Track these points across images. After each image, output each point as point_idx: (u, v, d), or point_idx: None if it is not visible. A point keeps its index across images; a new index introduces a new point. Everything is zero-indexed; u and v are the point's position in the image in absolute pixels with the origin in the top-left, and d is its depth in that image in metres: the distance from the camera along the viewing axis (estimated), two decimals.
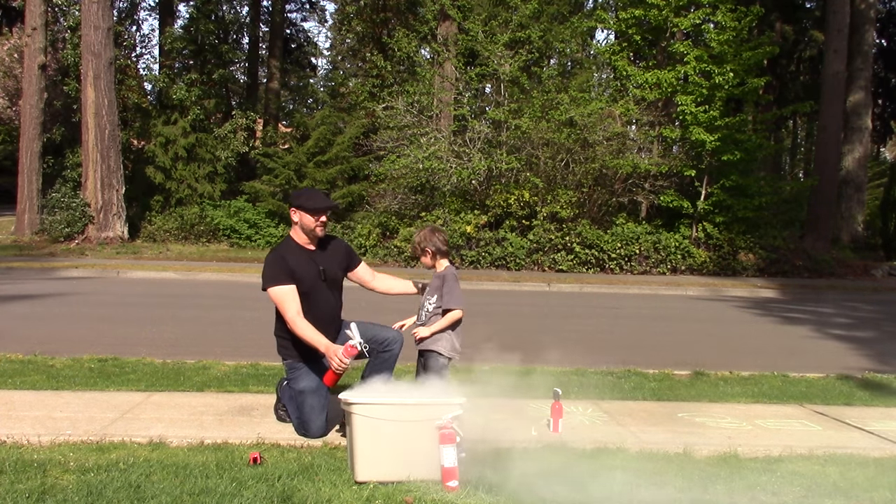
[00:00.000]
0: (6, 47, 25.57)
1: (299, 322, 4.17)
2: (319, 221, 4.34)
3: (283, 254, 4.37)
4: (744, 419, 5.12)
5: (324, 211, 4.34)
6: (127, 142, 20.26)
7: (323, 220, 4.36)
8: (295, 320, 4.17)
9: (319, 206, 4.32)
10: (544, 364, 6.71)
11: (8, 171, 26.58)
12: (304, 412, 4.30)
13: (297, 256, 4.36)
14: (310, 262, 4.37)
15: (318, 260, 4.40)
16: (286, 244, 4.45)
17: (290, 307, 4.20)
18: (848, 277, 17.47)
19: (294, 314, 4.19)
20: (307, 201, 4.34)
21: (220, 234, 19.37)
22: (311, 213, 4.32)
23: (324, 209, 4.34)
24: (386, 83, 20.53)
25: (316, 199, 4.37)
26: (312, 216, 4.32)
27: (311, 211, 4.32)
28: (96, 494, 3.23)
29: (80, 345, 7.02)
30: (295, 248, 4.40)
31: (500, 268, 16.49)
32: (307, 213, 4.33)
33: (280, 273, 4.26)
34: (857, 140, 22.70)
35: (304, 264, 4.34)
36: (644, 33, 18.38)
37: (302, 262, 4.34)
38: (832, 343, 9.10)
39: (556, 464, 3.89)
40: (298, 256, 4.37)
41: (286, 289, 4.23)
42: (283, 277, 4.25)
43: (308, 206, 4.32)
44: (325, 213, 4.36)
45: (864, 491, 3.71)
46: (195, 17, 23.05)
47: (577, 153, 17.28)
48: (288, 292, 4.23)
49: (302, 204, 4.34)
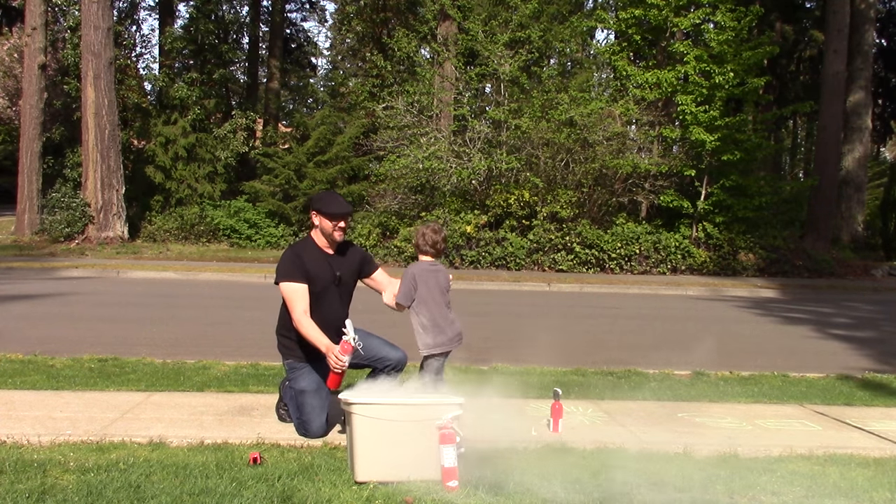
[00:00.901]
0: (6, 47, 25.57)
1: (305, 321, 4.22)
2: (338, 226, 4.39)
3: (300, 252, 4.43)
4: (744, 419, 5.12)
5: (342, 216, 4.40)
6: (127, 142, 20.27)
7: (341, 224, 4.41)
8: (301, 319, 4.22)
9: (337, 211, 4.38)
10: (544, 364, 6.71)
11: (8, 171, 26.60)
12: (305, 412, 4.31)
13: (314, 257, 4.41)
14: (326, 265, 4.42)
15: (335, 265, 4.44)
16: (305, 243, 4.51)
17: (298, 305, 4.26)
18: (848, 277, 17.48)
19: (301, 313, 4.24)
20: (326, 206, 4.38)
21: (220, 234, 19.38)
22: (330, 217, 4.37)
23: (342, 214, 4.39)
24: (386, 83, 20.53)
25: (335, 203, 4.41)
26: (331, 220, 4.38)
27: (329, 215, 4.37)
28: (96, 494, 3.23)
29: (80, 345, 7.02)
30: (313, 249, 4.46)
31: (500, 268, 16.50)
32: (325, 218, 4.38)
33: (295, 270, 4.32)
34: (857, 140, 22.70)
35: (319, 266, 4.39)
36: (644, 33, 18.38)
37: (318, 264, 4.40)
38: (832, 343, 9.10)
39: (556, 464, 3.89)
40: (316, 258, 4.42)
41: (298, 286, 4.29)
42: (298, 275, 4.31)
43: (327, 210, 4.36)
44: (343, 219, 4.41)
45: (864, 491, 3.71)
46: (195, 17, 23.05)
47: (577, 153, 17.28)
48: (299, 290, 4.28)
49: (321, 208, 4.39)
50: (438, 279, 4.43)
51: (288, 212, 19.48)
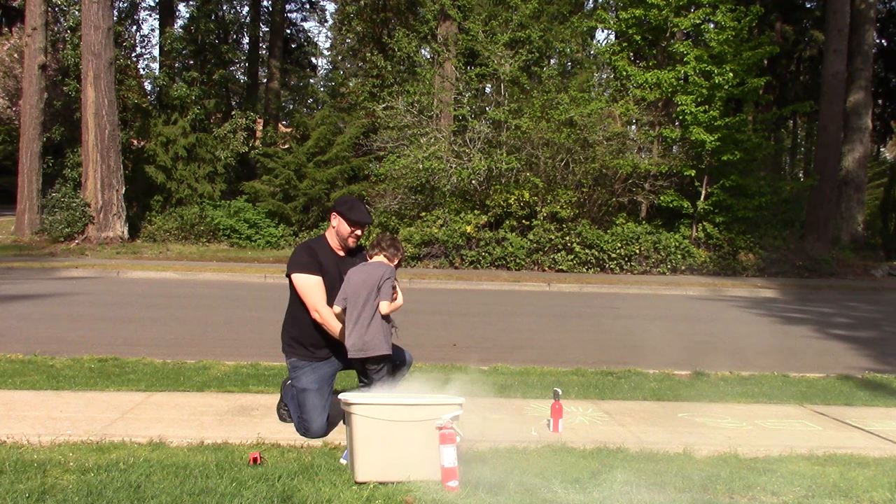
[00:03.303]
0: (6, 47, 25.56)
1: (324, 310, 4.29)
2: (354, 233, 4.46)
3: (313, 247, 4.51)
4: (744, 419, 5.12)
5: (362, 225, 4.47)
6: (127, 142, 20.27)
7: (358, 233, 4.47)
8: (322, 310, 4.29)
9: (360, 220, 4.44)
10: (544, 364, 6.72)
11: (8, 171, 26.58)
12: (305, 411, 4.31)
13: (326, 254, 4.49)
14: (335, 266, 4.46)
15: (343, 267, 4.45)
16: (319, 241, 4.58)
17: (317, 296, 4.33)
18: (848, 277, 17.48)
19: (322, 304, 4.31)
20: (349, 211, 4.43)
21: (220, 234, 19.38)
22: (350, 223, 4.43)
23: (362, 224, 4.46)
24: (386, 83, 20.52)
25: (358, 211, 4.45)
26: (350, 226, 4.44)
27: (351, 222, 4.42)
28: (96, 494, 3.23)
29: (80, 345, 7.02)
30: (326, 248, 4.52)
31: (500, 268, 16.49)
32: (346, 223, 4.43)
33: (310, 263, 4.39)
34: (857, 140, 22.70)
35: (329, 265, 4.45)
36: (644, 33, 18.38)
37: (328, 262, 4.46)
38: (832, 343, 9.10)
39: (556, 464, 3.89)
40: (327, 255, 4.49)
41: (314, 279, 4.36)
42: (313, 268, 4.38)
43: (350, 216, 4.42)
44: (362, 227, 4.48)
45: (864, 491, 3.71)
46: (195, 17, 23.06)
47: (577, 153, 17.29)
48: (315, 283, 4.36)
49: (343, 212, 4.43)
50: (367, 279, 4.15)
51: (288, 212, 19.48)
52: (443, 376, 4.80)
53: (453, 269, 16.27)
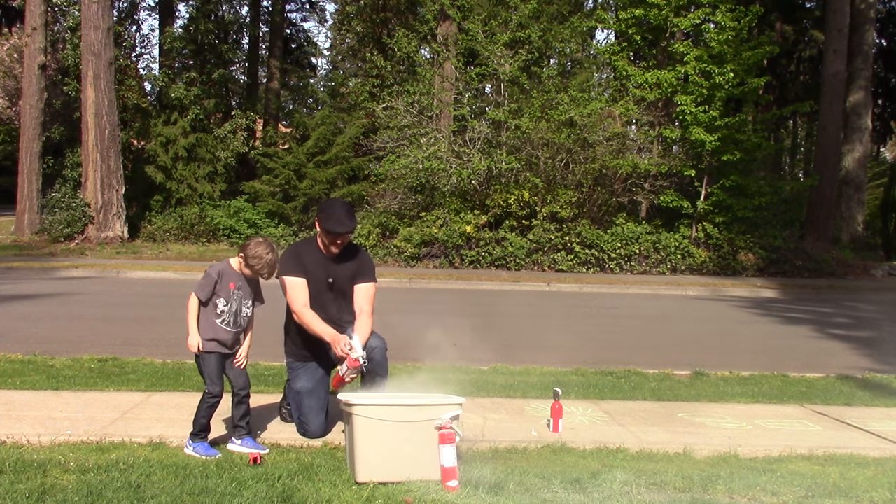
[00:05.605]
0: (6, 47, 25.52)
1: (306, 313, 4.27)
2: (335, 241, 4.35)
3: (300, 250, 4.48)
4: (744, 419, 5.12)
5: (336, 234, 4.31)
6: (127, 142, 20.26)
7: (338, 241, 4.35)
8: (302, 311, 4.28)
9: (329, 229, 4.30)
10: (544, 364, 6.71)
11: (8, 171, 26.57)
12: (303, 412, 4.33)
13: (313, 257, 4.43)
14: (323, 267, 4.41)
15: (331, 269, 4.42)
16: (308, 242, 4.55)
17: (298, 298, 4.31)
18: (848, 277, 17.47)
19: (301, 305, 4.29)
20: (325, 220, 4.31)
21: (220, 234, 19.37)
22: (324, 232, 4.35)
23: (335, 233, 4.30)
24: (386, 83, 20.51)
25: (331, 219, 4.30)
26: (325, 235, 4.36)
27: (322, 230, 4.35)
28: (96, 494, 3.22)
29: (80, 345, 7.02)
30: (315, 250, 4.46)
31: (500, 268, 16.49)
32: (321, 231, 4.36)
33: (294, 266, 4.37)
34: (857, 140, 22.69)
35: (316, 266, 4.40)
36: (644, 33, 18.37)
37: (315, 264, 4.40)
38: (832, 343, 9.10)
39: (556, 464, 3.89)
40: (315, 258, 4.43)
41: (297, 281, 4.34)
42: (297, 270, 4.36)
43: (323, 224, 4.33)
44: (340, 237, 4.33)
45: (864, 491, 3.71)
46: (195, 17, 23.05)
47: (576, 153, 17.28)
48: (298, 284, 4.34)
49: (320, 220, 4.35)
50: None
51: (288, 212, 19.47)
52: (442, 376, 4.79)
53: (453, 269, 16.27)
